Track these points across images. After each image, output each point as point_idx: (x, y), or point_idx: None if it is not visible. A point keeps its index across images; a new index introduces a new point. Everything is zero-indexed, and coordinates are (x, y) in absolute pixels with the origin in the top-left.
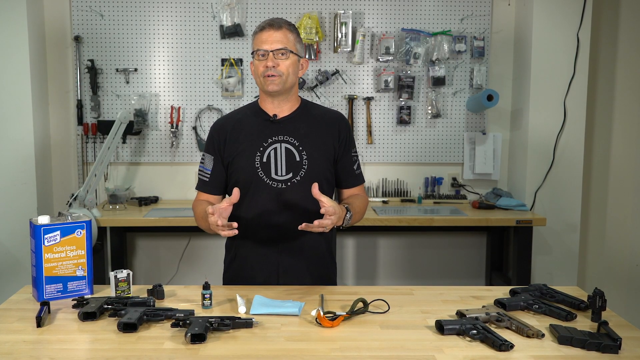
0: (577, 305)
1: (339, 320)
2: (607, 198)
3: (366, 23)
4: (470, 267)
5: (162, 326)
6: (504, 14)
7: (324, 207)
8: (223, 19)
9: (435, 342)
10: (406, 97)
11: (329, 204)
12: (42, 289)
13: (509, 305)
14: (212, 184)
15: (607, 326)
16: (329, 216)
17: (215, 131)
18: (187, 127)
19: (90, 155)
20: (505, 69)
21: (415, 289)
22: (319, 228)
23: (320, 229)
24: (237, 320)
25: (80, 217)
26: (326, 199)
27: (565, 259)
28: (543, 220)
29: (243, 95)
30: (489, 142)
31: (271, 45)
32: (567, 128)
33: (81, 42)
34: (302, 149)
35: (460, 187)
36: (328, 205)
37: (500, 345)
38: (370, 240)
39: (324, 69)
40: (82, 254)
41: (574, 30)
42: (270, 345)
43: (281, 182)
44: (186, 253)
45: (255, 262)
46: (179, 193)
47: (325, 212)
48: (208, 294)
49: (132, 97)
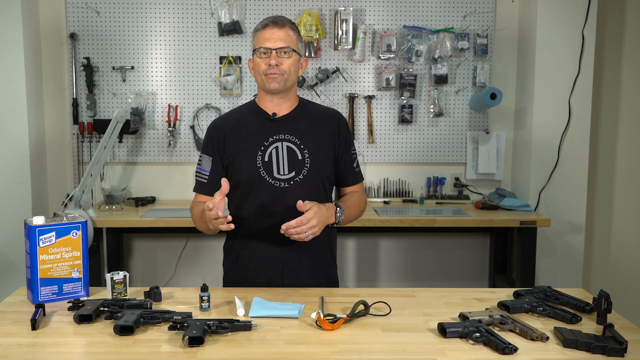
0: (582, 307)
1: (340, 322)
2: (612, 198)
3: (367, 20)
4: (473, 269)
5: (159, 329)
6: (507, 11)
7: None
8: (221, 16)
9: (437, 345)
10: (408, 95)
11: (307, 214)
12: (37, 291)
13: (512, 307)
14: (211, 186)
15: (612, 329)
16: (303, 224)
17: (213, 131)
18: (184, 126)
19: (86, 155)
20: (508, 67)
21: (417, 291)
22: (299, 235)
23: (298, 236)
24: (236, 323)
25: (75, 218)
26: (307, 211)
27: (570, 260)
28: (547, 221)
29: (242, 94)
30: (492, 142)
31: (274, 43)
32: (572, 127)
33: (77, 40)
34: (303, 147)
35: (463, 187)
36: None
37: (504, 348)
38: (371, 242)
39: (324, 67)
40: (78, 256)
41: (579, 28)
42: (269, 348)
43: (284, 181)
44: (184, 254)
45: (259, 262)
46: (177, 193)
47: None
48: (206, 296)
49: (129, 96)
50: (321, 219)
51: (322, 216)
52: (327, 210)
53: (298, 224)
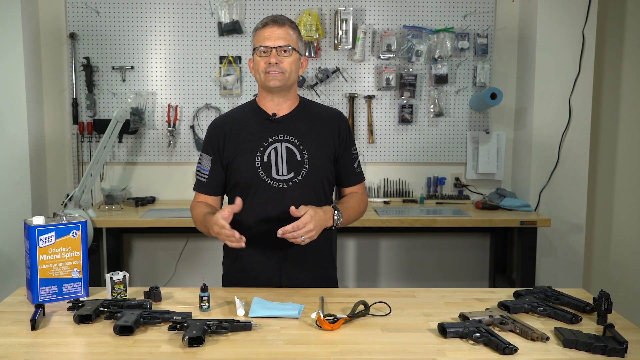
0: (582, 307)
1: (340, 323)
2: (613, 198)
3: (367, 20)
4: (473, 269)
5: (159, 329)
6: (507, 11)
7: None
8: (221, 15)
9: (437, 345)
10: (408, 95)
11: (303, 219)
12: (37, 291)
13: (512, 307)
14: (210, 185)
15: (613, 329)
16: (299, 229)
17: (213, 131)
18: (184, 126)
19: (86, 155)
20: (509, 66)
21: (417, 291)
22: (295, 240)
23: (294, 240)
24: (236, 323)
25: (75, 218)
26: (303, 215)
27: (570, 260)
28: (548, 221)
29: (242, 94)
30: (493, 142)
31: (274, 42)
32: (572, 127)
33: (76, 39)
34: (302, 148)
35: (463, 187)
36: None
37: (504, 348)
38: (371, 242)
39: (324, 67)
40: (78, 256)
41: (579, 27)
42: (269, 348)
43: (282, 182)
44: (184, 254)
45: (258, 263)
46: (177, 193)
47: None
48: (206, 296)
49: (129, 96)
50: (318, 222)
51: (319, 220)
52: (325, 214)
53: (294, 228)
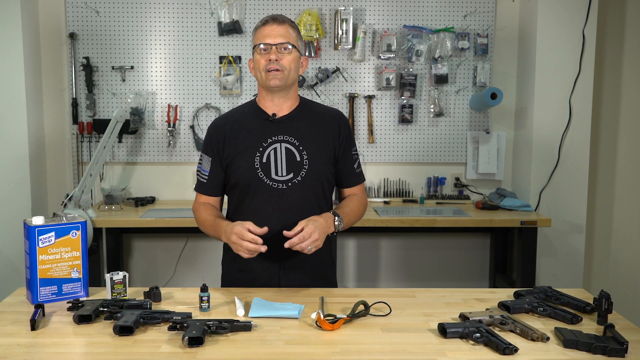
0: (582, 307)
1: (340, 323)
2: (613, 198)
3: (367, 20)
4: (473, 269)
5: (159, 329)
6: (507, 11)
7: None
8: (221, 15)
9: (437, 345)
10: (408, 95)
11: (307, 229)
12: (37, 291)
13: (513, 307)
14: (211, 186)
15: (613, 329)
16: (305, 240)
17: (213, 131)
18: (184, 126)
19: (86, 155)
20: (509, 66)
21: (417, 291)
22: (302, 250)
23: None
24: (236, 323)
25: (75, 218)
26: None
27: (570, 260)
28: (548, 221)
29: (241, 94)
30: (493, 142)
31: (274, 39)
32: (573, 127)
33: (76, 39)
34: (302, 148)
35: (463, 188)
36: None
37: (504, 348)
38: (371, 242)
39: (324, 67)
40: (77, 256)
41: (579, 27)
42: (269, 348)
43: (282, 182)
44: (184, 254)
45: (258, 263)
46: (176, 193)
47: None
48: (206, 296)
49: (129, 96)
50: (322, 231)
51: (322, 229)
52: (326, 221)
53: (300, 240)
